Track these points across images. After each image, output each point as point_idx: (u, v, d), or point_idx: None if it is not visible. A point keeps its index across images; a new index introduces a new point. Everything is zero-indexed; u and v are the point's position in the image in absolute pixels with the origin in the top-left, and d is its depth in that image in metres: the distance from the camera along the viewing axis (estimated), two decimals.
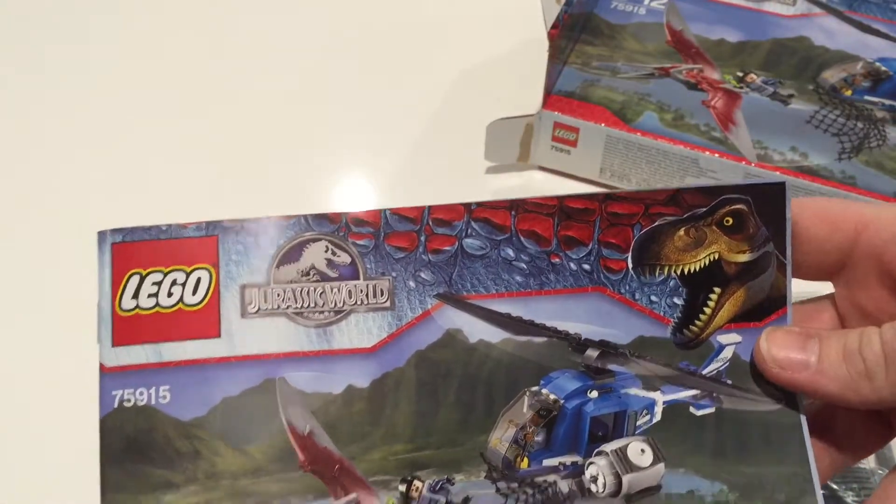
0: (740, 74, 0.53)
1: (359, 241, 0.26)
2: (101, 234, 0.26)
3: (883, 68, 0.53)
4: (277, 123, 0.60)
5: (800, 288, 0.26)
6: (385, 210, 0.26)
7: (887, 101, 0.51)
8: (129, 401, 0.25)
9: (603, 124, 0.51)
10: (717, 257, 0.26)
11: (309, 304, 0.26)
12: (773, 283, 0.25)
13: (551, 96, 0.52)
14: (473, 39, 0.64)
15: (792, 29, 0.56)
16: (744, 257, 0.25)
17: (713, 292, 0.25)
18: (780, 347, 0.24)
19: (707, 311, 0.25)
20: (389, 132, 0.58)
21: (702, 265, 0.25)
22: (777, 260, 0.25)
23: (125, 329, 0.25)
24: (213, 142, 0.59)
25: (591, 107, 0.52)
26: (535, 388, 0.25)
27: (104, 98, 0.62)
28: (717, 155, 0.49)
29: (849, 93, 0.52)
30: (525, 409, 0.25)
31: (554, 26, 0.49)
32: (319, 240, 0.27)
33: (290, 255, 0.27)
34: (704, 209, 0.26)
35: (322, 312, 0.26)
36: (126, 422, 0.25)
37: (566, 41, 0.53)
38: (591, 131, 0.51)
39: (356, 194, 0.55)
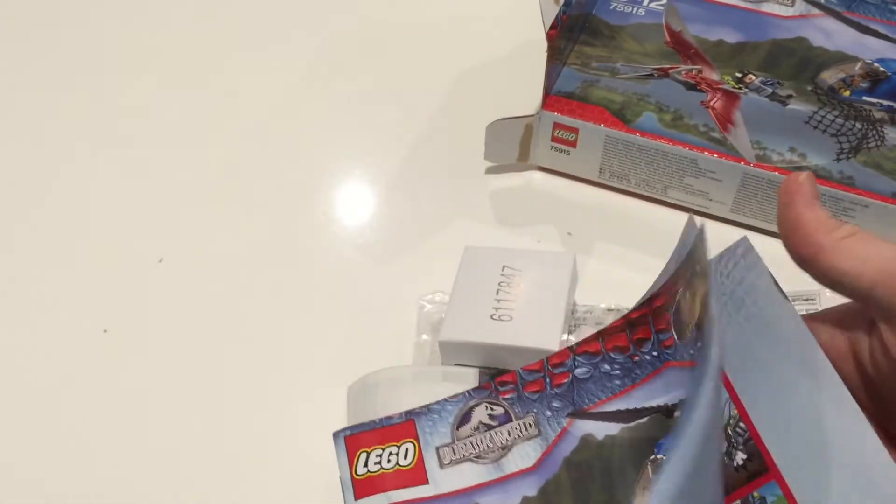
0: (739, 75, 0.53)
1: (506, 396, 0.36)
2: (335, 434, 0.37)
3: (881, 69, 0.53)
4: (277, 124, 0.60)
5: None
6: (519, 370, 0.36)
7: (885, 102, 0.51)
8: None
9: (602, 125, 0.51)
10: (705, 296, 0.32)
11: (483, 448, 0.35)
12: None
13: (551, 97, 0.52)
14: (473, 39, 0.64)
15: (790, 30, 0.56)
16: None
17: None
18: None
19: None
20: (389, 132, 0.58)
21: (700, 308, 0.31)
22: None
23: (362, 486, 0.35)
24: (211, 141, 0.59)
25: (591, 107, 0.52)
26: (653, 457, 0.32)
27: (97, 95, 0.62)
28: (715, 155, 0.49)
29: (847, 93, 0.52)
30: (651, 475, 0.32)
31: (552, 27, 0.49)
32: (480, 404, 0.36)
33: (464, 419, 0.36)
34: (689, 273, 0.32)
35: (493, 451, 0.35)
36: None
37: (565, 42, 0.53)
38: (590, 132, 0.52)
39: (356, 194, 0.55)
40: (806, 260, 0.28)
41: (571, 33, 0.54)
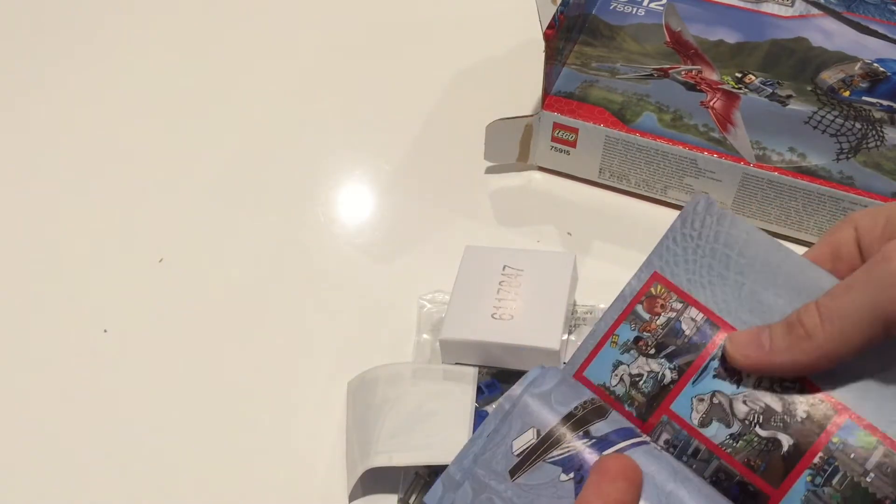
0: (739, 75, 0.53)
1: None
2: None
3: (881, 69, 0.53)
4: (277, 124, 0.60)
5: None
6: None
7: (885, 102, 0.51)
8: None
9: (602, 125, 0.51)
10: None
11: None
12: None
13: (550, 97, 0.52)
14: (473, 39, 0.64)
15: (790, 30, 0.56)
16: None
17: None
18: (740, 345, 0.30)
19: None
20: (389, 132, 0.58)
21: None
22: None
23: None
24: (212, 141, 0.59)
25: (590, 107, 0.52)
26: None
27: (99, 90, 0.62)
28: (715, 155, 0.49)
29: (847, 93, 0.52)
30: None
31: (549, 27, 0.49)
32: None
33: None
34: None
35: None
36: None
37: (564, 42, 0.53)
38: (590, 132, 0.52)
39: (356, 194, 0.55)
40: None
41: (570, 33, 0.54)
